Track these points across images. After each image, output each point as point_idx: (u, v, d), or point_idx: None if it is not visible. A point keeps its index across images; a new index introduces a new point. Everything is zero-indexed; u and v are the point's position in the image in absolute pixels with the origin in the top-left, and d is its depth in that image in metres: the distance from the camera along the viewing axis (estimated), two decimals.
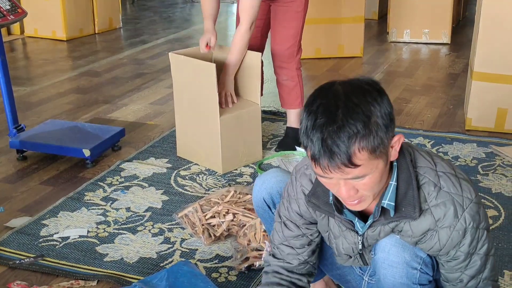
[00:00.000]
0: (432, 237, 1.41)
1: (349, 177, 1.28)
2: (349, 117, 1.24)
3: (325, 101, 1.28)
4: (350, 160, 1.24)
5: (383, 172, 1.33)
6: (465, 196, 1.38)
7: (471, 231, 1.39)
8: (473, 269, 1.44)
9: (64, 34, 6.00)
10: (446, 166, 1.43)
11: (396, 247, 1.47)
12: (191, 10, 8.39)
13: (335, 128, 1.24)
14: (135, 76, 4.80)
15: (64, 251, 2.28)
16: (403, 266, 1.47)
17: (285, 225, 1.64)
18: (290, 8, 3.03)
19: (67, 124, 3.34)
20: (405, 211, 1.39)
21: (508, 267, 2.14)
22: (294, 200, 1.59)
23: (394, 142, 1.32)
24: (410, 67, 5.02)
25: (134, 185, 2.81)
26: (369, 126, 1.24)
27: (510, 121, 3.37)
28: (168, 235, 2.39)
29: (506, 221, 2.46)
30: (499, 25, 3.23)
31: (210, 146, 2.93)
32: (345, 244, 1.55)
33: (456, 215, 1.37)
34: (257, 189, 1.81)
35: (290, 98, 3.21)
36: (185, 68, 2.94)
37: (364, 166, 1.27)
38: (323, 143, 1.25)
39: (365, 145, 1.24)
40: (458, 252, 1.42)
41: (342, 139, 1.23)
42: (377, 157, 1.28)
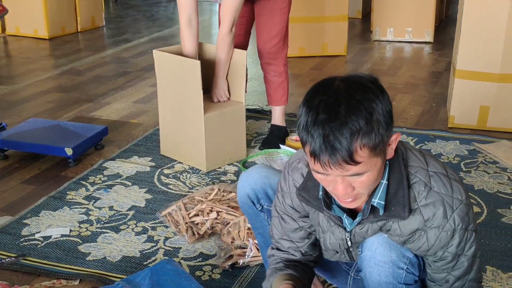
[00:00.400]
0: (421, 237, 1.40)
1: (349, 174, 1.27)
2: (352, 114, 1.22)
3: (326, 97, 1.26)
4: (351, 157, 1.23)
5: (380, 170, 1.32)
6: (455, 197, 1.38)
7: (459, 232, 1.39)
8: (460, 270, 1.45)
9: (46, 32, 5.94)
10: (438, 166, 1.42)
11: (383, 246, 1.47)
12: (175, 8, 8.35)
13: (338, 124, 1.22)
14: (118, 74, 4.77)
15: (46, 251, 2.26)
16: (389, 266, 1.47)
17: (282, 219, 1.63)
18: (275, 6, 3.03)
19: (49, 123, 3.30)
20: (394, 210, 1.38)
21: (490, 263, 2.15)
22: (288, 194, 1.58)
23: (392, 141, 1.32)
24: (393, 66, 5.05)
25: (117, 184, 2.79)
26: (371, 123, 1.23)
27: (493, 118, 3.39)
28: (151, 234, 2.38)
29: (488, 217, 2.48)
30: (481, 23, 3.25)
31: (194, 144, 2.91)
32: (332, 239, 1.54)
33: (445, 216, 1.37)
34: (241, 185, 1.80)
35: (277, 95, 3.21)
36: (169, 66, 2.92)
37: (364, 163, 1.25)
38: (325, 139, 1.23)
39: (367, 142, 1.23)
40: (446, 252, 1.42)
41: (345, 136, 1.22)
42: (377, 155, 1.27)
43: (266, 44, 3.09)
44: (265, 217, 1.82)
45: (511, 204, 2.58)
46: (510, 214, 2.50)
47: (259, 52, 3.15)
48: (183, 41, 2.95)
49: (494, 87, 3.32)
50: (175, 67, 2.89)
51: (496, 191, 2.70)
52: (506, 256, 2.21)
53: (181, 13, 2.92)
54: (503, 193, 2.68)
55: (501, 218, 2.47)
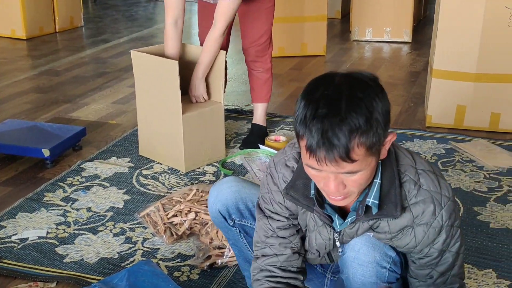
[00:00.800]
0: (408, 233, 1.41)
1: (343, 171, 1.26)
2: (352, 110, 1.21)
3: (327, 92, 1.24)
4: (348, 155, 1.22)
5: (373, 170, 1.32)
6: (444, 194, 1.39)
7: (446, 229, 1.40)
8: (444, 266, 1.46)
9: (23, 32, 5.89)
10: (425, 163, 1.44)
11: (366, 247, 1.47)
12: (154, 9, 8.33)
13: (338, 120, 1.21)
14: (97, 75, 4.74)
15: (23, 253, 2.24)
16: (373, 265, 1.48)
17: (271, 218, 1.57)
18: (261, 6, 3.05)
19: (26, 124, 3.27)
20: (387, 209, 1.38)
21: (466, 260, 2.18)
22: (279, 191, 1.53)
23: (387, 141, 1.31)
24: (372, 66, 5.08)
25: (95, 185, 2.78)
26: (371, 122, 1.22)
27: (469, 117, 3.43)
28: (129, 235, 2.37)
29: (465, 215, 2.51)
30: (457, 23, 3.28)
31: (172, 145, 2.91)
32: (318, 239, 1.53)
33: (434, 213, 1.38)
34: (212, 200, 1.76)
35: (263, 91, 3.23)
36: (147, 66, 2.91)
37: (360, 162, 1.24)
38: (323, 135, 1.21)
39: (364, 141, 1.22)
40: (432, 249, 1.43)
41: (344, 132, 1.20)
42: (372, 154, 1.26)
43: (254, 43, 3.11)
44: (237, 232, 1.79)
45: (487, 202, 2.61)
46: (486, 212, 2.53)
47: (246, 51, 3.16)
48: (166, 41, 2.93)
49: (470, 86, 3.36)
50: (153, 67, 2.88)
51: (472, 189, 2.73)
52: (481, 253, 2.24)
53: (168, 13, 2.90)
54: (479, 192, 2.71)
55: (477, 216, 2.50)
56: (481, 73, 3.32)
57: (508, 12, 3.17)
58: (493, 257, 2.21)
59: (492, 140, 3.28)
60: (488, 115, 3.40)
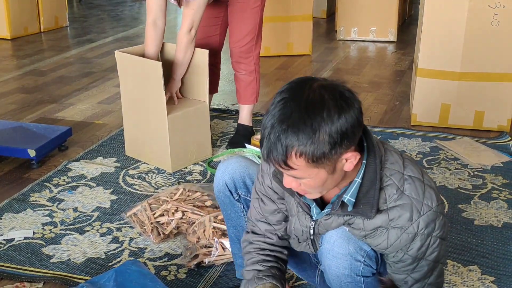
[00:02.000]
0: (382, 234, 1.43)
1: (288, 173, 1.34)
2: (298, 124, 1.26)
3: (289, 97, 1.30)
4: (285, 162, 1.29)
5: (326, 179, 1.34)
6: (425, 203, 1.40)
7: (421, 237, 1.41)
8: (419, 273, 1.48)
9: (8, 32, 5.85)
10: (415, 170, 1.44)
11: (341, 239, 1.50)
12: (140, 8, 8.30)
13: (281, 129, 1.27)
14: (83, 75, 4.72)
15: (9, 253, 2.23)
16: (347, 258, 1.51)
17: (262, 201, 1.66)
18: (247, 5, 3.05)
19: (11, 124, 3.25)
20: (362, 208, 1.41)
21: (451, 257, 2.20)
22: (267, 175, 1.61)
23: (349, 157, 1.33)
24: (357, 65, 5.10)
25: (81, 185, 2.77)
26: (312, 140, 1.26)
27: (453, 116, 3.46)
28: (116, 235, 2.36)
29: (449, 212, 2.53)
30: (441, 23, 3.31)
31: (158, 145, 2.91)
32: (297, 224, 1.58)
33: (411, 219, 1.40)
34: (220, 173, 1.81)
35: (247, 93, 3.23)
36: (132, 67, 2.91)
37: (301, 171, 1.31)
38: (268, 136, 1.29)
39: (303, 154, 1.27)
40: (406, 255, 1.44)
41: (282, 141, 1.27)
42: (318, 167, 1.30)
43: (237, 43, 3.10)
44: (241, 208, 1.84)
45: (471, 199, 2.64)
46: (471, 209, 2.55)
47: (231, 51, 3.16)
48: (146, 41, 2.95)
49: (454, 85, 3.39)
50: (137, 68, 2.87)
51: (457, 187, 2.76)
52: (466, 250, 2.26)
53: (148, 13, 2.91)
54: (463, 189, 2.74)
55: (462, 213, 2.53)
56: (465, 71, 3.35)
57: (491, 12, 3.21)
58: (478, 254, 2.24)
59: (476, 138, 3.31)
60: (472, 114, 3.44)
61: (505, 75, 3.33)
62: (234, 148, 3.16)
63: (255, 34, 3.12)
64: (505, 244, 2.30)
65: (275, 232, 1.68)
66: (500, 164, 2.98)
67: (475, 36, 3.27)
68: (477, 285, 2.05)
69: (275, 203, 1.64)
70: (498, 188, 2.74)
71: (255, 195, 1.68)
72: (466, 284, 2.06)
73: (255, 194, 1.68)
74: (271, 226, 1.68)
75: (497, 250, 2.26)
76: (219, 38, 3.22)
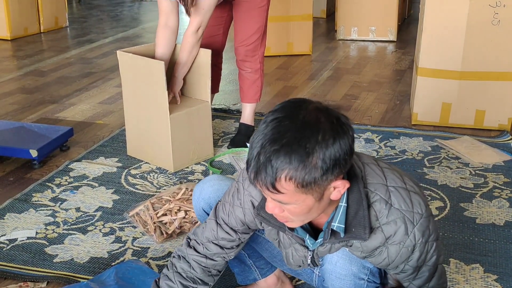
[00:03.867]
0: (382, 252, 1.41)
1: (274, 198, 1.28)
2: (291, 146, 1.21)
3: (283, 117, 1.25)
4: (273, 185, 1.23)
5: (312, 207, 1.30)
6: (416, 212, 1.38)
7: (419, 247, 1.40)
8: (421, 280, 1.48)
9: (8, 33, 5.85)
10: (396, 179, 1.41)
11: (343, 260, 1.49)
12: (139, 8, 8.30)
13: (273, 149, 1.22)
14: (83, 75, 4.72)
15: (12, 253, 2.23)
16: (351, 278, 1.50)
17: (220, 227, 1.61)
18: (252, 5, 3.05)
19: (13, 125, 3.26)
20: (355, 231, 1.37)
21: (454, 256, 2.21)
22: (241, 208, 1.55)
23: (338, 185, 1.29)
24: (357, 64, 5.11)
25: (83, 185, 2.77)
26: (305, 163, 1.21)
27: (454, 115, 3.47)
28: (119, 234, 2.37)
29: (451, 211, 2.53)
30: (442, 22, 3.32)
31: (160, 145, 2.91)
32: (295, 256, 1.54)
33: (406, 232, 1.37)
34: (195, 199, 1.80)
35: (251, 92, 3.24)
36: (134, 66, 2.91)
37: (288, 195, 1.25)
38: (257, 156, 1.24)
39: (293, 178, 1.22)
40: (407, 266, 1.44)
41: (273, 163, 1.22)
42: (306, 193, 1.25)
43: (243, 42, 3.11)
44: None
45: (473, 198, 2.64)
46: (472, 208, 2.56)
47: (236, 50, 3.16)
48: (156, 41, 2.95)
49: (455, 84, 3.39)
50: (139, 68, 2.88)
51: (458, 185, 2.77)
52: (468, 248, 2.27)
53: (160, 14, 2.92)
54: (465, 188, 2.74)
55: (464, 212, 2.53)
56: (465, 71, 3.35)
57: (491, 11, 3.21)
58: (480, 252, 2.24)
59: (477, 137, 3.32)
60: (473, 113, 3.44)
61: (505, 74, 3.33)
62: (235, 147, 3.17)
63: (261, 33, 3.13)
64: (507, 243, 2.30)
65: (223, 256, 1.65)
66: (501, 163, 2.99)
67: (476, 35, 3.27)
68: (480, 283, 2.06)
69: (237, 233, 1.60)
70: (499, 187, 2.74)
71: (214, 217, 1.63)
72: (469, 282, 2.06)
73: (214, 217, 1.62)
74: (223, 250, 1.63)
75: (499, 248, 2.26)
76: (221, 38, 3.22)
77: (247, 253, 1.86)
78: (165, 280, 1.67)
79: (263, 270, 1.92)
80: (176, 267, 1.67)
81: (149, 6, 8.36)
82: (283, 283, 1.98)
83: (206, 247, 1.64)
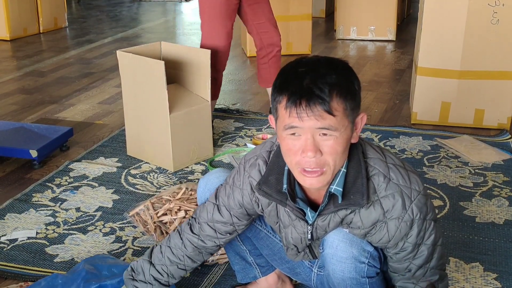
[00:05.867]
0: (381, 228, 1.44)
1: (322, 125, 1.30)
2: (332, 70, 1.31)
3: (304, 60, 1.36)
4: (328, 105, 1.29)
5: (347, 143, 1.36)
6: (413, 188, 1.42)
7: (418, 222, 1.43)
8: (421, 259, 1.49)
9: (7, 33, 5.86)
10: (395, 159, 1.48)
11: (344, 243, 1.51)
12: (138, 9, 8.31)
13: (318, 75, 1.30)
14: (82, 75, 4.72)
15: (12, 253, 2.23)
16: (352, 261, 1.51)
17: (218, 209, 1.66)
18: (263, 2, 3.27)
19: (13, 125, 3.26)
20: (353, 198, 1.41)
21: (453, 254, 2.21)
22: (239, 189, 1.60)
23: (358, 122, 1.38)
24: (357, 64, 5.11)
25: (83, 185, 2.78)
26: (348, 83, 1.32)
27: (454, 114, 3.47)
28: (119, 234, 2.37)
29: (451, 210, 2.54)
30: (441, 21, 3.32)
31: (160, 145, 2.91)
32: (294, 233, 1.56)
33: (404, 207, 1.41)
34: (201, 190, 1.81)
35: None
36: (134, 66, 2.91)
37: (338, 119, 1.31)
38: (305, 86, 1.29)
39: (343, 98, 1.30)
40: (406, 243, 1.46)
41: (324, 84, 1.29)
42: (348, 118, 1.33)
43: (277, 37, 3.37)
44: None
45: (472, 197, 2.65)
46: (472, 207, 2.56)
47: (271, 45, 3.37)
48: None
49: (454, 83, 3.40)
50: (139, 67, 2.88)
51: (458, 184, 2.77)
52: (468, 247, 2.27)
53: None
54: (464, 187, 2.75)
55: (463, 210, 2.54)
56: (465, 70, 3.36)
57: (490, 10, 3.22)
58: (480, 251, 2.24)
59: (476, 136, 3.33)
60: (472, 112, 3.45)
61: (505, 73, 3.34)
62: None
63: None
64: (507, 241, 2.30)
65: (215, 241, 1.69)
66: (500, 162, 3.00)
67: (475, 35, 3.28)
68: (480, 281, 2.06)
69: (233, 217, 1.64)
70: (499, 186, 2.75)
71: (214, 200, 1.67)
72: (469, 281, 2.06)
73: (214, 199, 1.67)
74: (215, 233, 1.68)
75: (499, 247, 2.27)
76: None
77: (248, 249, 1.87)
78: (157, 252, 1.74)
79: (264, 268, 1.92)
80: (170, 241, 1.74)
81: (148, 6, 8.36)
82: (283, 282, 1.98)
83: (201, 228, 1.69)
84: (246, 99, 4.09)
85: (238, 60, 5.19)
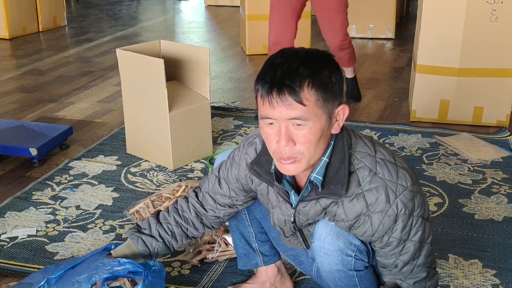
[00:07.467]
0: (365, 222, 1.45)
1: (293, 115, 1.34)
2: (306, 63, 1.34)
3: (284, 51, 1.40)
4: (298, 95, 1.32)
5: (322, 133, 1.38)
6: (400, 184, 1.43)
7: (402, 218, 1.43)
8: (407, 255, 1.49)
9: (6, 32, 5.85)
10: (386, 154, 1.48)
11: (331, 236, 1.53)
12: (138, 7, 8.30)
13: (291, 67, 1.33)
14: (82, 74, 4.73)
15: (13, 251, 2.24)
16: (338, 254, 1.53)
17: (218, 181, 1.73)
18: None
19: (12, 124, 3.26)
20: (334, 188, 1.44)
21: (452, 251, 2.22)
22: (236, 165, 1.67)
23: (339, 113, 1.40)
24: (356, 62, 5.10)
25: (83, 183, 2.78)
26: (322, 76, 1.34)
27: (453, 112, 3.48)
28: (119, 232, 2.38)
29: (450, 207, 2.55)
30: (440, 19, 3.33)
31: (160, 142, 2.92)
32: (279, 215, 1.60)
33: (388, 201, 1.42)
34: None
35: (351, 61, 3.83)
36: (133, 65, 2.92)
37: (309, 109, 1.33)
38: (277, 76, 1.34)
39: (315, 88, 1.33)
40: (391, 238, 1.46)
41: (295, 75, 1.32)
42: (322, 108, 1.35)
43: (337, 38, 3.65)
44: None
45: (471, 194, 2.66)
46: (471, 204, 2.57)
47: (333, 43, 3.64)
48: None
49: (453, 81, 3.40)
50: (139, 65, 2.88)
51: (457, 182, 2.78)
52: (467, 244, 2.28)
53: None
54: (463, 184, 2.75)
55: (462, 208, 2.54)
56: (464, 67, 3.36)
57: (489, 7, 3.22)
58: (479, 248, 2.25)
59: (475, 134, 3.33)
60: (471, 109, 3.45)
61: (503, 70, 3.34)
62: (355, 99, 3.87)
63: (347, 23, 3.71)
64: (506, 238, 2.31)
65: (215, 211, 1.77)
66: (499, 159, 3.00)
67: (474, 32, 3.28)
68: (479, 278, 2.07)
69: (231, 190, 1.72)
70: (498, 183, 2.76)
71: (216, 172, 1.76)
72: (468, 278, 2.07)
73: (217, 172, 1.76)
74: (215, 203, 1.76)
75: (497, 244, 2.28)
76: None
77: (254, 233, 1.89)
78: (164, 212, 1.83)
79: (266, 258, 1.93)
80: (177, 203, 1.83)
81: (147, 5, 8.36)
82: (282, 277, 1.98)
83: (204, 196, 1.78)
84: (245, 97, 4.09)
85: (238, 58, 5.19)
